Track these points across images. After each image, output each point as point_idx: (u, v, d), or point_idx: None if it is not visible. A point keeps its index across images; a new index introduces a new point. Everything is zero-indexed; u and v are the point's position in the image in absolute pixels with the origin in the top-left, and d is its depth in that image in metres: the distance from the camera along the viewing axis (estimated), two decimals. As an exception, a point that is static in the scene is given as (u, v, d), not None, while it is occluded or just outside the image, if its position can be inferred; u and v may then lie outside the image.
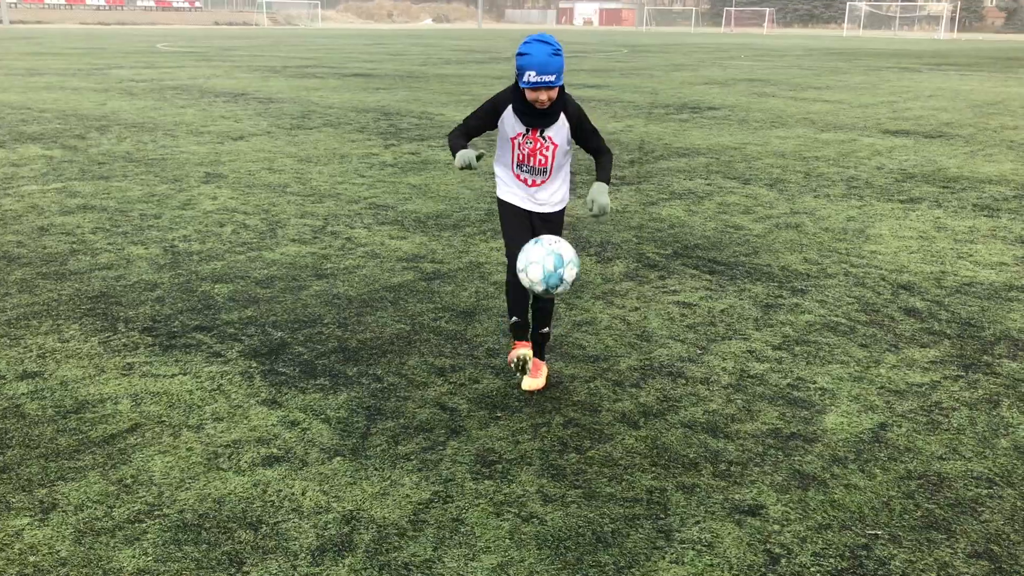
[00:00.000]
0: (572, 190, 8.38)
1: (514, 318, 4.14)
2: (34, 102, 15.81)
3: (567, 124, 4.01)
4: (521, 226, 4.20)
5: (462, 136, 4.11)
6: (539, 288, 3.84)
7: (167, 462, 3.48)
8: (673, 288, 5.82)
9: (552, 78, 3.78)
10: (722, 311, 5.39)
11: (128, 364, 4.43)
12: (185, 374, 4.32)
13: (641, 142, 12.19)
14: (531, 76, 3.78)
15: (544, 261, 3.80)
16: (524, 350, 4.11)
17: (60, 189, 8.55)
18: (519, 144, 4.08)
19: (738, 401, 4.14)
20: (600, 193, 4.03)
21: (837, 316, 5.34)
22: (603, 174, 4.14)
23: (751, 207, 8.26)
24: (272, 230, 7.15)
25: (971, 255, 6.75)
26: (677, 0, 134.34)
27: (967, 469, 3.55)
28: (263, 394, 4.12)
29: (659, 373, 4.45)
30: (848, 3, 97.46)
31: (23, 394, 4.07)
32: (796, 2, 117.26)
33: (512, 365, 4.10)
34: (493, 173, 4.36)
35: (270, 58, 31.04)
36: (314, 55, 33.61)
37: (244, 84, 20.17)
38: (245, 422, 3.83)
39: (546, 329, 4.32)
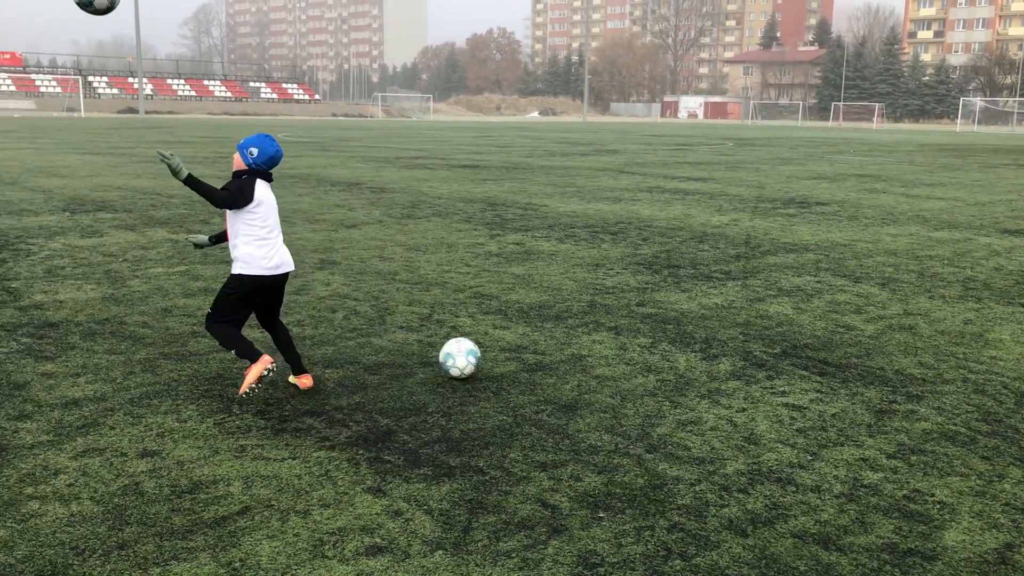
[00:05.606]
0: (676, 284, 8.33)
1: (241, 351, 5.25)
2: (163, 188, 16.79)
3: None
4: None
5: None
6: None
7: (275, 547, 3.55)
8: (782, 389, 5.69)
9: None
10: (833, 415, 5.23)
11: (241, 446, 4.57)
12: (295, 458, 4.43)
13: (747, 237, 12.10)
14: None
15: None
16: (267, 364, 5.15)
17: (184, 272, 9.00)
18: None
19: (851, 512, 3.98)
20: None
21: (956, 425, 5.11)
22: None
23: (862, 306, 8.06)
24: (381, 317, 7.33)
25: (1103, 364, 6.39)
26: (783, 94, 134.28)
27: (1106, 599, 3.31)
28: (368, 481, 4.18)
29: (767, 479, 4.32)
30: (962, 98, 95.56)
31: (142, 472, 4.24)
32: (906, 97, 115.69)
33: (258, 383, 5.16)
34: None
35: (383, 149, 32.28)
36: (425, 147, 34.80)
37: (358, 174, 21.00)
38: (350, 509, 3.89)
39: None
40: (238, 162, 5.23)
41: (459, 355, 5.68)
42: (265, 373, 5.15)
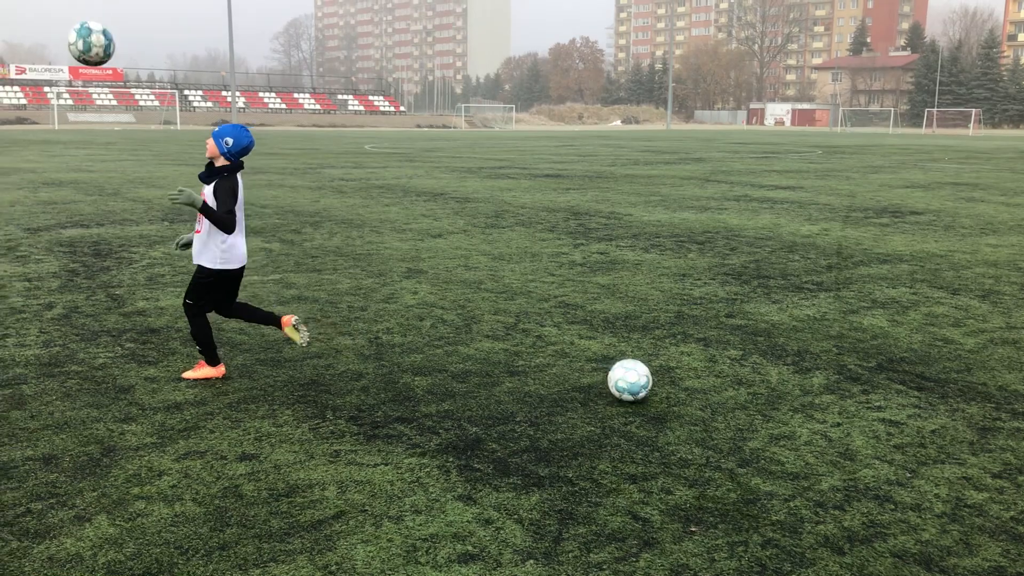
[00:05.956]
0: (766, 295, 8.19)
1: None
2: (257, 198, 17.28)
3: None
4: None
5: None
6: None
7: (369, 552, 3.62)
8: (878, 404, 5.53)
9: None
10: (933, 432, 5.06)
11: (335, 451, 4.67)
12: (387, 464, 4.50)
13: (839, 247, 11.82)
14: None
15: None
16: (219, 375, 5.83)
17: (278, 280, 9.25)
18: None
19: (954, 532, 3.85)
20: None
21: (1067, 444, 4.88)
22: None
23: (962, 319, 7.78)
24: (467, 325, 7.40)
25: None
26: (874, 100, 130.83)
27: None
28: (459, 489, 4.22)
29: (864, 496, 4.21)
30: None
31: (241, 475, 4.37)
32: (1006, 102, 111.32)
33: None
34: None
35: (467, 159, 32.60)
36: (507, 156, 35.01)
37: (443, 184, 21.25)
38: (442, 516, 3.93)
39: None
40: (212, 149, 5.59)
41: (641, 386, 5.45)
42: (212, 378, 5.84)
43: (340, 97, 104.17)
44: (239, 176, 5.68)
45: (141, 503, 4.05)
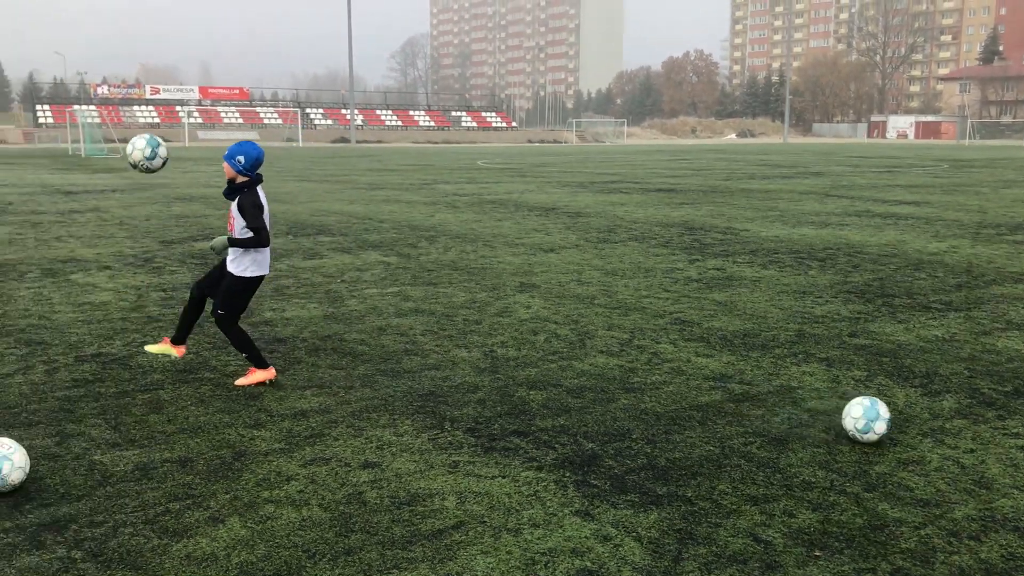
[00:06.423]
0: (892, 315, 7.92)
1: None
2: (375, 213, 17.75)
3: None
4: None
5: None
6: None
7: (488, 563, 3.66)
8: (1015, 430, 5.26)
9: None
10: (1077, 462, 4.78)
11: (454, 462, 4.75)
12: (504, 477, 4.55)
13: (969, 265, 11.30)
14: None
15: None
16: (272, 376, 6.06)
17: (396, 293, 9.47)
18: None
19: (1103, 570, 3.62)
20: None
21: None
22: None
23: (1108, 343, 7.32)
24: (581, 340, 7.40)
25: None
26: (1006, 111, 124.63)
27: None
28: (576, 504, 4.23)
29: (1003, 527, 4.01)
30: None
31: (364, 482, 4.49)
32: None
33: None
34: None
35: (578, 174, 32.64)
36: (619, 171, 34.89)
37: (554, 199, 21.34)
38: (560, 531, 3.95)
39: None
40: (228, 171, 5.86)
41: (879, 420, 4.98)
42: (267, 383, 6.04)
43: (454, 114, 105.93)
44: (259, 189, 5.94)
45: (271, 506, 4.21)
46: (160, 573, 3.61)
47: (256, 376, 6.07)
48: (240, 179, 5.89)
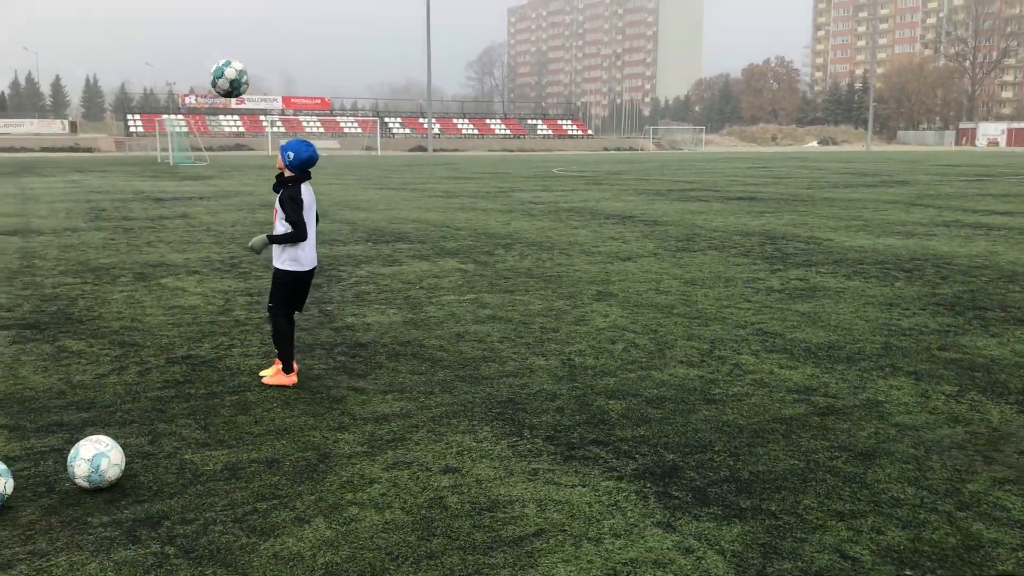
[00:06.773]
0: (984, 328, 7.67)
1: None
2: (451, 221, 17.91)
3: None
4: None
5: None
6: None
7: (570, 571, 3.66)
8: (1119, 451, 5.03)
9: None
10: None
11: (533, 469, 4.76)
12: (584, 486, 4.54)
13: (1067, 278, 10.85)
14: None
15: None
16: (292, 382, 6.25)
17: (473, 300, 9.54)
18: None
19: None
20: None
21: None
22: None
23: None
24: (661, 351, 7.34)
25: None
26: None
27: None
28: (657, 515, 4.19)
29: (1107, 551, 3.84)
30: None
31: (445, 487, 4.53)
32: None
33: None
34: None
35: (655, 182, 32.40)
36: (697, 179, 34.51)
37: (631, 207, 21.22)
38: (641, 542, 3.92)
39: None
40: (279, 162, 6.12)
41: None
42: (287, 386, 6.22)
43: (529, 122, 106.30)
44: (304, 186, 6.13)
45: (355, 508, 4.28)
46: (249, 571, 3.71)
47: (279, 379, 6.30)
48: (288, 173, 6.13)
